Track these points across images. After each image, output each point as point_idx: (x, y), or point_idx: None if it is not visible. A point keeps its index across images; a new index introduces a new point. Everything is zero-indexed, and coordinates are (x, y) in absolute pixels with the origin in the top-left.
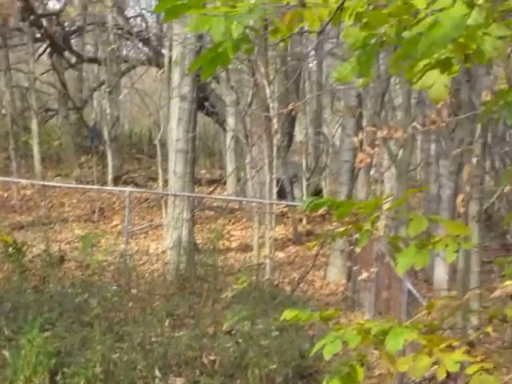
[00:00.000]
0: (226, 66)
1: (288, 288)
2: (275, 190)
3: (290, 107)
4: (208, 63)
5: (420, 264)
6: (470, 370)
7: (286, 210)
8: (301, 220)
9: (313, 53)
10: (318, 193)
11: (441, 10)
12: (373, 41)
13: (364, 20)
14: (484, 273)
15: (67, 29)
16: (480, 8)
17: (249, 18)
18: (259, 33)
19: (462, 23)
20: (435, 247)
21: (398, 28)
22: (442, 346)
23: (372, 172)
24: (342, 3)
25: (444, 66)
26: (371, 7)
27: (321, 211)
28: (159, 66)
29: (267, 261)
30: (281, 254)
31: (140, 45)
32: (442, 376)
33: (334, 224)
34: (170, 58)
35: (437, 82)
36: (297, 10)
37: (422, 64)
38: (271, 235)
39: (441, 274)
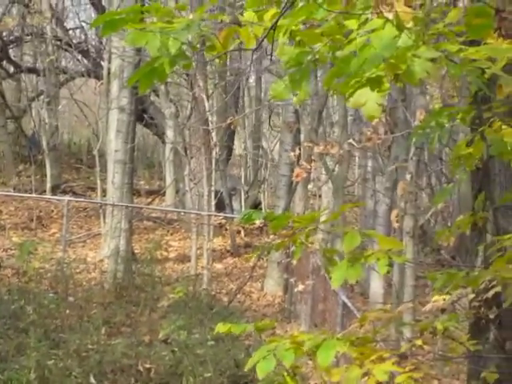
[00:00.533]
0: (163, 81)
1: (225, 299)
2: (214, 202)
3: (228, 121)
4: (145, 77)
5: (353, 277)
6: (399, 380)
7: (224, 221)
8: (239, 232)
9: (251, 68)
10: (256, 206)
11: (372, 31)
12: (306, 59)
13: (297, 38)
14: (419, 287)
15: (5, 39)
16: (409, 31)
17: (185, 35)
18: (196, 49)
19: (393, 44)
20: (367, 260)
21: (332, 47)
22: (373, 357)
23: (310, 186)
24: (276, 22)
25: (374, 83)
26: (306, 26)
27: (258, 224)
28: (98, 77)
29: (205, 271)
30: (219, 265)
31: (79, 56)
32: None
33: (272, 236)
34: (109, 70)
35: (369, 100)
36: (232, 28)
37: (353, 81)
38: (209, 246)
39: (376, 287)
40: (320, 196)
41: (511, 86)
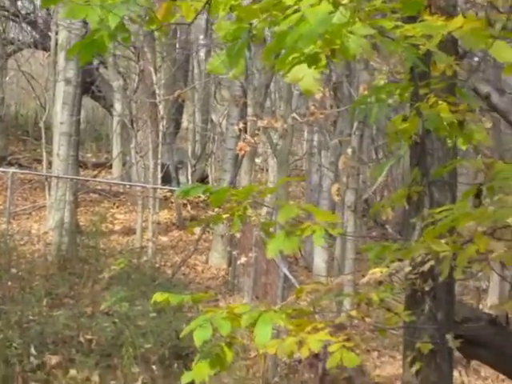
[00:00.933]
0: (104, 53)
1: (170, 271)
2: (160, 175)
3: (176, 94)
4: (85, 49)
5: (289, 249)
6: (332, 348)
7: (170, 195)
8: (185, 205)
9: (201, 42)
10: (203, 179)
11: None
12: (243, 34)
13: (235, 13)
14: (361, 261)
15: None
16: (344, 7)
17: (124, 9)
18: (137, 22)
19: (328, 20)
20: (304, 233)
21: (271, 22)
22: (309, 328)
23: (258, 160)
24: None
25: (311, 60)
26: (248, 1)
27: (204, 197)
28: (46, 49)
29: (149, 244)
30: (164, 238)
31: (27, 27)
32: (305, 355)
33: (217, 210)
34: (56, 42)
35: (307, 75)
36: (172, 1)
37: (291, 57)
38: (154, 219)
39: (319, 261)
40: (267, 170)
41: (445, 62)
